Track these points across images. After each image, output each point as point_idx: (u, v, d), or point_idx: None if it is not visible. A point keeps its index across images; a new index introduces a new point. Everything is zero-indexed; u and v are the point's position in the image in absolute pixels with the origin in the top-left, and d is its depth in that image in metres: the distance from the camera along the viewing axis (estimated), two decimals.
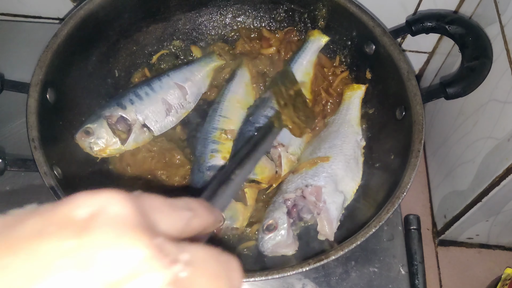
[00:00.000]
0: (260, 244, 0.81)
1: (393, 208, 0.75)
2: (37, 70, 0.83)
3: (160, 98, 0.95)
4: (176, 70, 1.00)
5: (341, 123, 0.94)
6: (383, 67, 0.93)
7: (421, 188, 1.21)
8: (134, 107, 0.92)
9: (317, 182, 0.85)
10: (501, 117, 0.90)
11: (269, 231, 0.80)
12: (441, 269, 1.13)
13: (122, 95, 0.94)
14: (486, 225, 1.06)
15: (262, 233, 0.81)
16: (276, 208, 0.83)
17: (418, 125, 0.83)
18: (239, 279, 0.29)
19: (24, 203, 0.79)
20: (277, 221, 0.81)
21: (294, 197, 0.84)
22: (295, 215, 0.83)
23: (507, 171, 0.87)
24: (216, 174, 0.84)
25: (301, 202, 0.83)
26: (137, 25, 1.02)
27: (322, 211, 0.82)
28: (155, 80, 0.97)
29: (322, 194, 0.83)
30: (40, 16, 1.15)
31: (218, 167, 0.88)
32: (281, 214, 0.82)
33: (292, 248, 0.82)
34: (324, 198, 0.83)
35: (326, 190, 0.83)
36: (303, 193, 0.84)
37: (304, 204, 0.83)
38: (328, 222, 0.81)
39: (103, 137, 0.89)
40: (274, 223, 0.81)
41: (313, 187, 0.84)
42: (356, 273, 0.87)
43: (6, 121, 0.98)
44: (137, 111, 0.92)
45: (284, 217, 0.81)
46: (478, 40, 0.89)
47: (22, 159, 0.78)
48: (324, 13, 1.01)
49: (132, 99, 0.93)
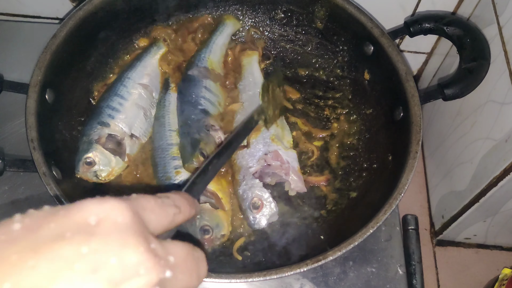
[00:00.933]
0: (253, 223, 0.84)
1: (390, 209, 0.76)
2: (36, 70, 0.83)
3: (134, 104, 0.92)
4: (131, 69, 0.97)
5: (252, 86, 0.99)
6: (381, 68, 0.93)
7: (419, 189, 1.21)
8: (115, 121, 0.89)
9: (271, 147, 0.88)
10: (499, 118, 0.90)
11: (257, 209, 0.83)
12: (439, 269, 1.13)
13: (98, 113, 0.90)
14: (484, 225, 1.06)
15: (252, 213, 0.83)
16: (250, 185, 0.85)
17: (416, 126, 0.83)
18: (205, 269, 0.35)
19: (23, 203, 0.80)
20: (260, 197, 0.84)
21: (260, 168, 0.87)
22: (267, 184, 0.87)
23: (504, 172, 0.88)
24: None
25: (268, 170, 0.86)
26: (136, 25, 1.02)
27: (290, 170, 0.86)
28: (120, 86, 0.93)
29: (281, 155, 0.87)
30: (39, 16, 1.16)
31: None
32: (259, 188, 0.85)
33: (276, 214, 0.85)
34: (285, 159, 0.87)
35: (281, 152, 0.88)
36: (266, 161, 0.87)
37: (271, 170, 0.86)
38: (298, 177, 0.87)
39: (105, 161, 0.86)
40: (257, 200, 0.83)
41: (272, 153, 0.88)
42: (354, 273, 0.87)
43: (5, 122, 0.98)
44: (121, 124, 0.90)
45: (263, 190, 0.85)
46: (475, 42, 0.89)
47: (21, 160, 0.78)
48: (323, 14, 1.01)
49: (110, 113, 0.90)
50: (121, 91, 0.93)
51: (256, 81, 1.00)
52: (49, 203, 0.89)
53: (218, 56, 1.03)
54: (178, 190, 0.42)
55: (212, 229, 0.81)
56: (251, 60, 1.04)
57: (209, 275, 0.71)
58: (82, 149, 0.87)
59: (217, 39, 1.04)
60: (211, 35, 1.04)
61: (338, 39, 1.03)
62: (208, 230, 0.80)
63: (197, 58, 1.00)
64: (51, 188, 0.75)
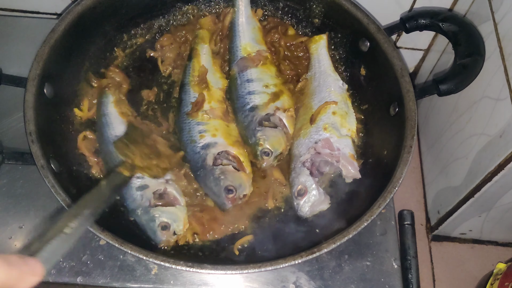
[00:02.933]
0: (298, 210, 0.86)
1: (385, 202, 0.77)
2: (34, 64, 0.83)
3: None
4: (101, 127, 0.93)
5: (318, 76, 0.98)
6: (378, 64, 0.94)
7: (415, 184, 1.22)
8: (144, 181, 0.86)
9: (323, 135, 0.90)
10: (494, 114, 0.91)
11: (301, 196, 0.86)
12: (435, 264, 1.14)
13: (130, 189, 0.86)
14: (479, 220, 1.07)
15: (296, 200, 0.86)
16: (298, 173, 0.88)
17: (411, 121, 0.84)
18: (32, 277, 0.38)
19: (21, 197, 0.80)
20: (305, 184, 0.86)
21: (310, 157, 0.88)
22: (316, 172, 0.88)
23: (499, 167, 0.88)
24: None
25: (318, 158, 0.88)
26: (134, 20, 1.02)
27: (340, 157, 0.87)
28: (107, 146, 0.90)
29: (332, 143, 0.89)
30: (37, 11, 1.16)
31: (211, 144, 0.89)
32: (305, 176, 0.87)
33: (326, 202, 0.86)
34: (336, 146, 0.88)
35: (333, 139, 0.89)
36: (316, 149, 0.89)
37: (321, 159, 0.88)
38: (349, 163, 0.87)
39: (173, 216, 0.84)
40: (302, 187, 0.86)
41: (322, 141, 0.89)
42: (349, 267, 0.88)
43: (3, 115, 0.98)
44: (150, 181, 0.87)
45: (309, 178, 0.87)
46: (470, 38, 0.90)
47: (20, 153, 0.79)
48: (320, 10, 1.02)
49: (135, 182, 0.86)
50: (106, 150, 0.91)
51: (324, 70, 0.98)
52: (47, 197, 0.90)
53: (250, 35, 1.01)
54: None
55: (235, 188, 0.85)
56: (318, 46, 1.01)
57: (204, 266, 0.72)
58: (146, 222, 0.84)
59: (239, 20, 1.02)
60: (232, 21, 1.02)
61: (335, 35, 1.03)
62: (232, 189, 0.85)
63: (231, 52, 1.00)
64: (49, 181, 0.76)
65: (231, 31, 1.02)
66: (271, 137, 0.90)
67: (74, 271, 0.84)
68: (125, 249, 0.72)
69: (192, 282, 0.85)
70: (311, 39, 1.03)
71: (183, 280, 0.85)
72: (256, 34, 1.02)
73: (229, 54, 1.02)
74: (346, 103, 0.95)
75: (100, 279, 0.84)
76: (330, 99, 0.94)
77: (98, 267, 0.85)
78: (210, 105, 0.94)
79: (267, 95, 0.94)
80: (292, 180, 0.88)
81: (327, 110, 0.92)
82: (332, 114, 0.92)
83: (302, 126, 0.93)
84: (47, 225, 0.72)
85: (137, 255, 0.72)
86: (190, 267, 0.72)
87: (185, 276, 0.85)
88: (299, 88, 0.99)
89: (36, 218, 0.89)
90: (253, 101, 0.93)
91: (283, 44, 1.03)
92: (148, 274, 0.85)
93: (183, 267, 0.72)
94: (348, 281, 0.86)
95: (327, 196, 0.87)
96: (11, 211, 0.90)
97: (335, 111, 0.92)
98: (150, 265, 0.85)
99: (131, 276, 0.84)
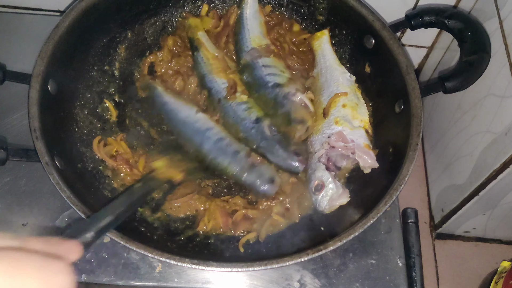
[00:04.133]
0: (317, 205, 0.86)
1: (391, 200, 0.76)
2: (38, 61, 0.83)
3: None
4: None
5: (325, 71, 0.98)
6: (382, 61, 0.94)
7: (419, 182, 1.22)
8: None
9: (335, 129, 0.89)
10: (499, 111, 0.90)
11: (319, 191, 0.85)
12: (438, 262, 1.14)
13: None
14: (483, 218, 1.07)
15: (314, 195, 0.86)
16: (314, 169, 0.87)
17: (417, 119, 0.83)
18: (59, 279, 0.41)
19: (24, 195, 0.80)
20: (321, 179, 0.85)
21: (324, 152, 0.88)
22: (333, 167, 0.87)
23: (504, 165, 0.88)
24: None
25: (333, 152, 0.87)
26: (139, 17, 1.02)
27: (355, 149, 0.87)
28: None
29: (346, 136, 0.88)
30: (40, 8, 1.16)
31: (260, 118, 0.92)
32: (321, 171, 0.86)
33: (345, 196, 0.85)
34: (350, 138, 0.88)
35: (346, 132, 0.88)
36: (330, 143, 0.88)
37: (336, 153, 0.87)
38: (365, 153, 0.87)
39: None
40: (319, 182, 0.85)
41: (335, 134, 0.88)
42: (354, 265, 0.88)
43: (8, 112, 0.98)
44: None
45: (325, 173, 0.86)
46: (476, 35, 0.90)
47: (24, 149, 0.79)
48: (324, 6, 1.01)
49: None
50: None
51: (330, 65, 0.98)
52: (50, 195, 0.90)
53: (258, 29, 1.02)
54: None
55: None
56: (321, 42, 1.01)
57: (210, 264, 0.72)
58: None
59: (247, 13, 1.03)
60: (239, 14, 1.03)
61: (340, 32, 1.03)
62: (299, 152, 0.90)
63: (240, 43, 1.01)
64: (53, 178, 0.75)
65: (238, 24, 1.03)
66: (300, 108, 0.93)
67: (78, 269, 0.84)
68: (130, 246, 0.71)
69: (196, 280, 0.85)
70: (313, 36, 1.03)
71: (187, 278, 0.85)
72: (263, 28, 1.03)
73: (237, 46, 1.02)
74: (355, 94, 0.95)
75: (104, 277, 0.83)
76: (339, 92, 0.93)
77: (102, 265, 0.84)
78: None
79: (286, 77, 0.96)
80: (309, 176, 0.88)
81: (337, 103, 0.92)
82: (343, 107, 0.92)
83: (314, 123, 0.93)
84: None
85: (143, 252, 0.71)
86: (196, 265, 0.71)
87: (189, 274, 0.85)
88: (307, 85, 0.99)
89: (40, 216, 0.89)
90: (275, 80, 0.95)
91: (288, 39, 1.03)
92: (152, 272, 0.84)
93: (189, 265, 0.71)
94: (353, 279, 0.86)
95: (345, 190, 0.85)
96: (14, 208, 0.89)
97: (345, 103, 0.92)
98: (154, 263, 0.85)
99: (135, 274, 0.84)
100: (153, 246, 0.73)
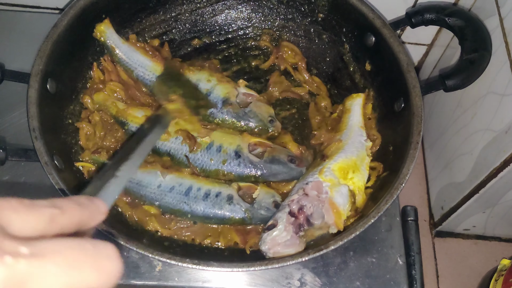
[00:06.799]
0: (260, 243, 0.80)
1: (391, 199, 0.76)
2: (37, 60, 0.83)
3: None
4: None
5: (344, 129, 0.93)
6: (383, 59, 0.93)
7: (419, 180, 1.22)
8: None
9: (317, 178, 0.84)
10: (499, 109, 0.90)
11: (267, 230, 0.80)
12: (438, 260, 1.14)
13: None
14: (483, 216, 1.07)
15: (262, 233, 0.81)
16: (279, 210, 0.83)
17: (417, 117, 0.83)
18: (112, 265, 0.33)
19: (23, 194, 0.80)
20: (277, 219, 0.80)
21: (297, 197, 0.83)
22: (303, 218, 0.80)
23: (504, 163, 0.88)
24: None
25: (305, 200, 0.82)
26: (138, 15, 1.02)
27: (326, 201, 0.81)
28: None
29: (323, 187, 0.83)
30: (39, 6, 1.15)
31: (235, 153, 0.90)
32: (282, 213, 0.81)
33: (295, 248, 0.78)
34: (325, 190, 0.82)
35: (327, 184, 0.83)
36: (305, 191, 0.83)
37: (309, 202, 0.82)
38: (333, 207, 0.81)
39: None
40: (274, 222, 0.80)
41: (313, 183, 0.84)
42: (354, 263, 0.88)
43: (6, 111, 0.97)
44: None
45: (284, 215, 0.81)
46: (477, 33, 0.89)
47: (23, 149, 0.78)
48: (324, 4, 1.01)
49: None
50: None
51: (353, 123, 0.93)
52: (49, 194, 0.90)
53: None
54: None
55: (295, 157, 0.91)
56: (353, 103, 0.96)
57: (211, 264, 0.72)
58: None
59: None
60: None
61: (340, 30, 1.02)
62: (293, 159, 0.91)
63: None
64: (53, 178, 0.75)
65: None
66: (262, 107, 0.95)
67: None
68: (130, 246, 0.71)
69: (196, 279, 0.84)
70: (349, 96, 0.98)
71: (188, 277, 0.84)
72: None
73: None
74: (361, 159, 0.88)
75: None
76: (343, 149, 0.88)
77: None
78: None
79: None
80: (274, 215, 0.83)
81: (335, 156, 0.87)
82: (339, 162, 0.86)
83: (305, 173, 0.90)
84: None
85: (143, 252, 0.71)
86: (196, 265, 0.71)
87: (189, 273, 0.85)
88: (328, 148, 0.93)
89: None
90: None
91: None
92: (152, 271, 0.84)
93: (189, 265, 0.71)
94: (353, 278, 0.86)
95: (301, 244, 0.79)
96: None
97: (344, 160, 0.86)
98: (154, 262, 0.85)
99: (135, 273, 0.84)
100: (153, 247, 0.73)
